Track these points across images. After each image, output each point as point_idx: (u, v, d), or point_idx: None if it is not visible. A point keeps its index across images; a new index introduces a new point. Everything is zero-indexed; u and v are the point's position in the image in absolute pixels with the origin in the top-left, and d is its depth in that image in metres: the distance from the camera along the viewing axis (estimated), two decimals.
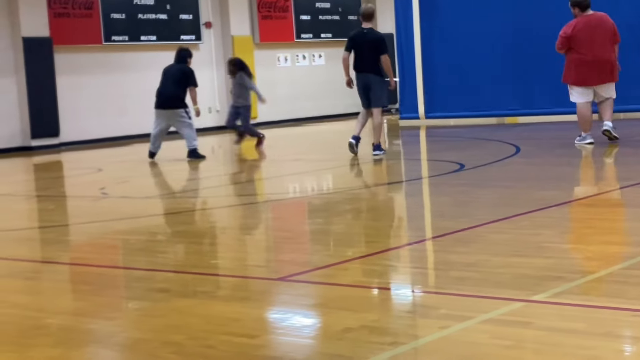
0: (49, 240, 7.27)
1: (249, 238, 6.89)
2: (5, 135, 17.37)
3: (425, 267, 5.18)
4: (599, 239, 5.57)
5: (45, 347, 3.80)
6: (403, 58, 17.87)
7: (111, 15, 19.39)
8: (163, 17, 20.41)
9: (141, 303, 4.60)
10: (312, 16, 23.70)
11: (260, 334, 3.89)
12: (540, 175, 9.08)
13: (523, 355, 3.27)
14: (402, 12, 17.69)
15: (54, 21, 18.38)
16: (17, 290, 5.22)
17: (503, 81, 16.14)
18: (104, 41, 19.22)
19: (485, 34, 16.43)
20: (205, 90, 21.32)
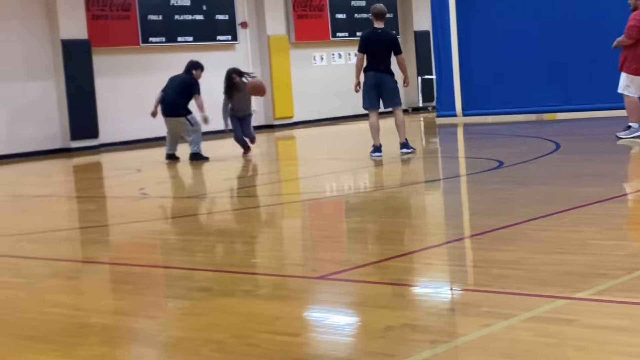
0: (90, 240, 7.33)
1: (287, 237, 6.91)
2: (45, 137, 17.56)
3: (465, 264, 5.16)
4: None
5: (91, 346, 3.84)
6: (440, 55, 17.79)
7: (148, 16, 19.52)
8: (199, 18, 20.50)
9: (182, 302, 4.62)
10: (347, 14, 23.67)
11: (302, 332, 3.91)
12: (581, 171, 9.00)
13: (566, 352, 3.25)
14: (438, 10, 17.61)
15: (92, 23, 18.54)
16: (61, 290, 5.28)
17: (541, 77, 16.01)
18: (142, 43, 19.35)
19: (523, 30, 16.31)
20: None
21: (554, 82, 15.75)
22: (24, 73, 17.57)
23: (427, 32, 23.31)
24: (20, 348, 3.89)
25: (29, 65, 17.66)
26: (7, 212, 9.54)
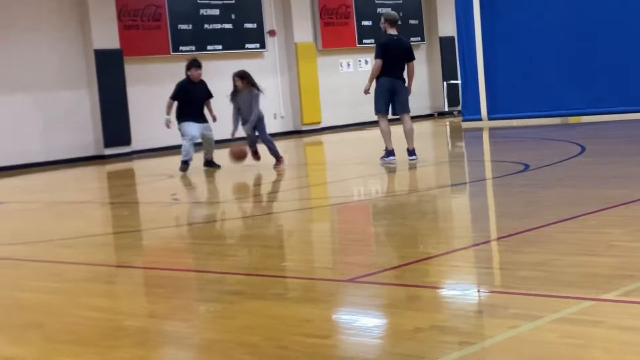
0: (124, 245, 7.39)
1: (316, 240, 6.91)
2: (79, 145, 17.74)
3: (492, 267, 5.14)
4: None
5: (126, 348, 3.87)
6: (465, 61, 17.76)
7: (178, 26, 19.65)
8: (228, 27, 20.59)
9: (215, 305, 4.63)
10: (373, 21, 23.63)
11: (332, 335, 3.91)
12: (607, 174, 8.94)
13: (593, 354, 3.23)
14: (463, 15, 17.58)
15: (124, 33, 18.69)
16: (97, 294, 5.32)
17: (565, 81, 15.95)
18: (172, 52, 19.47)
19: (547, 34, 16.26)
20: (270, 97, 21.46)
21: (579, 86, 15.67)
22: (58, 82, 17.75)
23: (452, 37, 23.27)
24: (59, 351, 3.92)
25: (63, 75, 17.83)
26: (44, 218, 9.63)
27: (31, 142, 17.49)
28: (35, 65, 17.59)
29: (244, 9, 20.83)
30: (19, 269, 6.35)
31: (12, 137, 17.27)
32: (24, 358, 3.87)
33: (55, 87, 17.73)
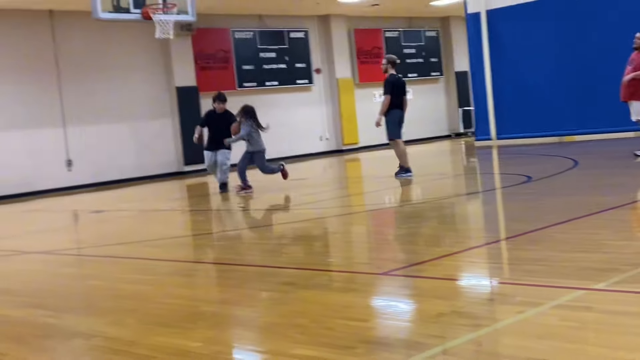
0: (200, 245, 7.46)
1: (355, 240, 6.90)
2: (165, 163, 18.00)
3: (501, 262, 5.09)
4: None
5: (203, 330, 3.89)
6: (476, 90, 17.73)
7: (242, 66, 19.84)
8: (282, 67, 20.73)
9: (273, 294, 4.64)
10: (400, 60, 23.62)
11: (370, 319, 3.90)
12: (596, 183, 8.81)
13: (586, 334, 3.18)
14: (474, 53, 17.54)
15: (199, 73, 18.92)
16: (179, 285, 5.37)
17: (561, 106, 15.86)
18: (238, 87, 19.66)
19: (544, 68, 16.19)
20: (317, 122, 21.56)
21: (572, 110, 15.54)
22: (148, 113, 18.04)
23: (465, 72, 23.15)
24: (148, 330, 3.97)
25: (151, 107, 18.12)
26: (137, 223, 9.75)
27: (127, 161, 17.77)
28: (130, 100, 17.89)
29: (295, 52, 20.97)
30: (118, 265, 6.44)
31: (112, 157, 17.56)
32: (122, 337, 3.90)
33: (145, 117, 18.02)
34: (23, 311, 4.80)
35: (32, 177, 16.53)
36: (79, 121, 17.19)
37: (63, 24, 16.97)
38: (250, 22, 20.15)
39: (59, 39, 16.95)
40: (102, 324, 4.24)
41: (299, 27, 21.16)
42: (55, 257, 7.26)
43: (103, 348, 3.74)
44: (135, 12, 12.45)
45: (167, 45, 18.16)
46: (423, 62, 24.15)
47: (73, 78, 17.13)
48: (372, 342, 3.39)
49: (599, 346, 3.01)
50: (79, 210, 12.47)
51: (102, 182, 17.33)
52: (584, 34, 15.32)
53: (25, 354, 3.76)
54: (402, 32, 23.56)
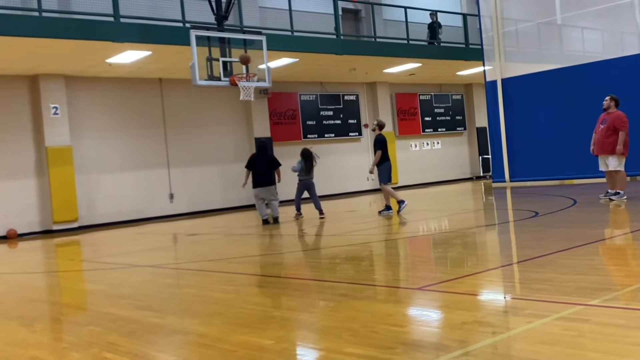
0: (271, 262, 7.48)
1: (394, 261, 6.85)
2: (245, 197, 18.10)
3: (514, 281, 5.00)
4: (636, 262, 5.21)
5: (274, 330, 3.92)
6: (493, 142, 17.53)
7: (307, 122, 20.05)
8: (338, 122, 20.88)
9: (329, 303, 4.64)
10: (432, 117, 23.61)
11: (406, 325, 3.87)
12: (591, 219, 8.60)
13: (584, 341, 3.10)
14: (492, 112, 17.41)
15: (273, 127, 19.19)
16: (255, 294, 5.41)
17: (562, 155, 15.60)
18: (303, 138, 19.86)
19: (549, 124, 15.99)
20: (364, 166, 21.59)
21: (572, 158, 15.23)
22: (232, 158, 18.32)
23: (484, 127, 22.95)
24: (231, 330, 4.01)
25: (235, 153, 18.41)
26: (222, 244, 9.86)
27: (215, 195, 18.04)
28: (219, 147, 18.23)
29: (348, 110, 21.12)
30: (208, 277, 6.50)
31: (204, 192, 17.85)
32: (210, 334, 3.95)
33: (230, 161, 18.31)
34: (134, 312, 4.90)
35: (143, 207, 16.93)
36: (179, 164, 17.59)
37: (169, 89, 17.50)
38: (314, 87, 20.41)
39: (165, 100, 17.47)
40: (195, 324, 4.30)
41: (351, 91, 21.33)
42: (159, 270, 7.40)
43: (196, 343, 3.79)
44: (225, 80, 12.76)
45: (248, 105, 18.52)
46: (450, 119, 24.04)
47: (176, 130, 17.60)
48: (409, 344, 3.37)
49: (594, 352, 2.94)
50: (178, 234, 12.68)
51: (196, 211, 17.62)
52: (580, 97, 15.12)
53: (135, 345, 3.84)
54: (434, 95, 23.53)
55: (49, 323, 4.96)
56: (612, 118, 10.31)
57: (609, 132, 10.29)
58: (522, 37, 17.39)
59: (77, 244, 12.56)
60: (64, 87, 15.68)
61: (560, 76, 15.91)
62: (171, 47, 13.74)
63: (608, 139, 10.30)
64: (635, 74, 14.61)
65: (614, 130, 10.24)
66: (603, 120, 10.50)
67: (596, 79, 15.06)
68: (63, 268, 8.74)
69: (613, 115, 10.35)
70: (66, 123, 15.64)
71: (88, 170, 16.15)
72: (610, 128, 10.28)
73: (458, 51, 19.89)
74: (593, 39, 16.92)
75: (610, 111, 10.42)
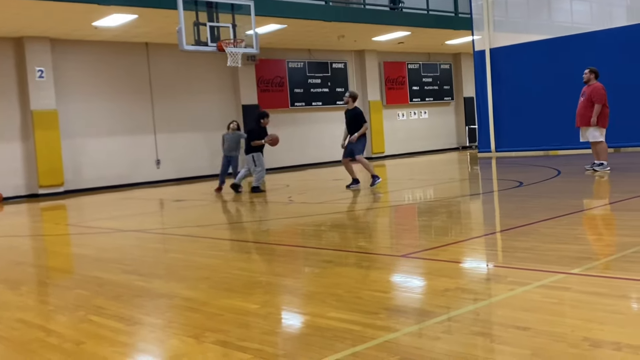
0: (259, 228, 7.49)
1: (380, 229, 6.90)
2: None
3: (497, 250, 5.05)
4: (616, 232, 5.28)
5: (259, 295, 3.93)
6: (480, 112, 17.56)
7: (294, 90, 19.90)
8: (325, 90, 20.73)
9: (314, 269, 4.68)
10: (419, 87, 23.51)
11: (390, 291, 3.90)
12: (575, 189, 8.67)
13: (564, 309, 3.15)
14: (480, 82, 17.41)
15: (260, 94, 19.04)
16: (241, 260, 5.42)
17: (547, 125, 15.67)
18: (290, 106, 19.74)
19: (535, 94, 16.02)
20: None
21: (556, 129, 15.31)
22: (219, 125, 18.17)
23: (472, 97, 22.93)
24: (217, 294, 4.02)
25: (222, 120, 18.24)
26: (208, 210, 9.85)
27: (202, 162, 17.95)
28: (206, 114, 18.08)
29: (336, 79, 20.97)
30: (194, 242, 6.50)
31: (191, 159, 17.77)
32: (197, 298, 3.96)
33: (217, 128, 18.17)
34: (120, 276, 4.91)
35: (129, 172, 16.83)
36: (166, 130, 17.44)
37: (156, 54, 17.25)
38: (301, 55, 20.22)
39: (152, 65, 17.24)
40: (181, 287, 4.31)
41: (340, 59, 21.16)
42: (146, 235, 7.39)
43: (182, 306, 3.80)
44: (212, 45, 12.58)
45: (235, 72, 18.32)
46: (438, 89, 23.97)
47: (162, 96, 17.40)
48: (392, 309, 3.40)
49: (574, 319, 2.98)
50: (164, 199, 12.64)
51: (183, 177, 17.55)
52: (566, 68, 15.11)
53: (121, 309, 3.84)
54: (422, 64, 23.40)
55: (35, 286, 4.96)
56: (591, 90, 10.38)
57: (588, 104, 10.36)
58: (511, 6, 17.27)
59: (63, 208, 12.49)
60: (49, 50, 15.39)
61: (548, 47, 15.88)
62: (158, 10, 13.49)
63: (587, 110, 10.37)
64: (623, 46, 14.60)
65: (592, 103, 10.32)
66: (583, 93, 10.58)
67: (584, 50, 15.05)
68: (49, 232, 8.70)
69: (592, 87, 10.41)
70: (52, 86, 15.40)
71: (74, 135, 15.97)
72: (589, 100, 10.35)
73: (447, 20, 19.73)
74: (581, 10, 16.85)
75: (590, 83, 10.47)
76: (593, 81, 10.47)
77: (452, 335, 2.85)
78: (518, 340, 2.72)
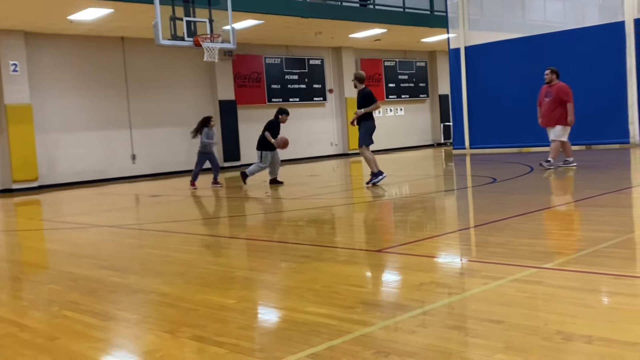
0: (235, 224, 7.46)
1: (356, 224, 6.91)
2: None
3: (471, 244, 5.09)
4: (586, 227, 5.36)
5: (236, 290, 3.92)
6: (455, 109, 17.68)
7: (271, 85, 19.83)
8: (303, 87, 20.71)
9: (292, 264, 4.66)
10: (396, 84, 23.60)
11: (367, 285, 3.91)
12: (547, 185, 8.78)
13: (537, 303, 3.19)
14: (454, 79, 17.51)
15: (237, 90, 18.94)
16: (217, 255, 5.38)
17: (520, 123, 15.82)
18: (267, 102, 19.67)
19: (509, 93, 16.20)
20: (328, 131, 21.55)
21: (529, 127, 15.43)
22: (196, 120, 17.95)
23: (447, 95, 23.09)
24: (194, 290, 3.99)
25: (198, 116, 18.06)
26: (184, 206, 9.78)
27: (178, 157, 17.80)
28: (182, 109, 17.92)
29: (313, 75, 20.95)
30: (170, 237, 6.47)
31: (167, 154, 17.60)
32: (172, 293, 3.93)
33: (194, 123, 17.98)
34: (95, 271, 4.85)
35: (104, 168, 16.63)
36: (142, 125, 17.25)
37: (132, 48, 17.04)
38: (279, 51, 20.15)
39: (128, 59, 17.02)
40: (157, 283, 4.27)
41: (317, 55, 21.14)
42: (121, 230, 7.31)
43: (157, 302, 3.77)
44: (188, 40, 12.47)
45: (212, 67, 18.19)
46: (414, 86, 24.09)
47: (138, 91, 17.20)
48: (369, 303, 3.41)
49: (547, 312, 3.02)
50: (140, 195, 12.52)
51: (158, 172, 17.39)
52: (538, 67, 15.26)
53: (96, 304, 3.79)
54: (398, 62, 23.49)
55: (8, 281, 4.87)
56: (557, 90, 10.42)
57: (554, 105, 10.42)
58: (486, 5, 17.42)
59: (37, 203, 12.29)
60: (23, 44, 15.11)
61: (522, 45, 16.05)
62: (134, 5, 13.32)
63: (553, 111, 10.44)
64: (595, 45, 14.82)
65: (559, 103, 10.38)
66: (547, 93, 10.59)
67: (557, 48, 15.25)
68: (23, 227, 8.56)
69: (557, 87, 10.46)
70: (26, 81, 15.13)
71: (48, 129, 15.71)
72: (556, 101, 10.39)
73: (423, 18, 19.83)
74: (555, 8, 17.06)
75: (553, 84, 10.53)
76: (555, 81, 10.55)
77: (427, 328, 2.87)
78: (492, 333, 2.74)
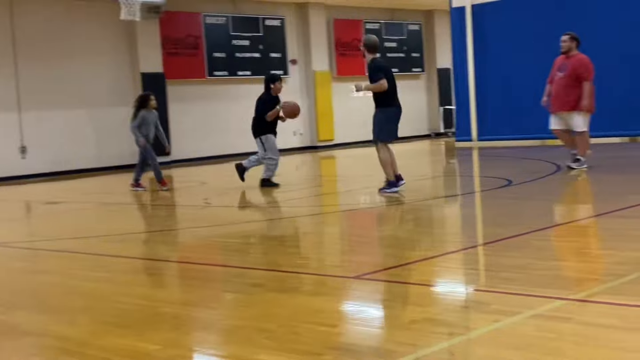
0: (163, 242, 7.41)
1: (327, 241, 6.92)
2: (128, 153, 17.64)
3: (478, 268, 5.13)
4: (629, 246, 5.43)
5: (162, 332, 3.88)
6: (459, 89, 17.81)
7: (213, 54, 19.74)
8: (256, 56, 20.66)
9: (238, 295, 4.64)
10: (381, 53, 23.65)
11: (340, 324, 3.91)
12: (578, 190, 8.92)
13: (564, 346, 3.22)
14: (458, 50, 17.64)
15: (166, 59, 18.80)
16: (138, 284, 5.34)
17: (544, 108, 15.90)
18: (208, 75, 19.57)
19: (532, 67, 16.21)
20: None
21: None
22: (110, 99, 17.86)
23: (448, 69, 23.22)
24: (103, 332, 3.94)
25: (114, 93, 17.94)
26: (94, 217, 9.68)
27: (87, 150, 17.61)
28: (92, 85, 17.73)
29: (270, 41, 20.90)
30: (73, 260, 6.37)
31: (70, 146, 17.39)
32: (74, 337, 3.88)
33: (107, 103, 17.84)
34: None
35: None
36: (35, 106, 16.98)
37: (22, 8, 16.77)
38: (223, 7, 20.06)
39: (16, 19, 16.75)
40: (53, 322, 4.21)
41: (274, 14, 21.11)
42: (5, 249, 7.19)
43: (54, 348, 3.71)
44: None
45: (132, 28, 18.00)
46: (404, 57, 24.22)
47: (30, 61, 16.92)
48: (341, 348, 3.41)
49: (576, 359, 3.05)
50: (32, 201, 12.34)
51: (59, 171, 17.14)
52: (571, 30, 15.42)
53: None
54: (384, 24, 23.61)
55: None
56: (574, 64, 10.21)
57: (570, 82, 10.20)
58: None
59: None
60: None
61: (548, 3, 16.12)
62: None
63: (569, 91, 10.23)
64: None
65: (576, 80, 10.16)
66: (562, 66, 10.39)
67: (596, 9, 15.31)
68: None
69: (575, 59, 10.23)
70: None
71: None
72: (572, 77, 10.17)
73: None
74: None
75: (571, 54, 10.30)
76: (575, 51, 10.30)
77: None
78: None
